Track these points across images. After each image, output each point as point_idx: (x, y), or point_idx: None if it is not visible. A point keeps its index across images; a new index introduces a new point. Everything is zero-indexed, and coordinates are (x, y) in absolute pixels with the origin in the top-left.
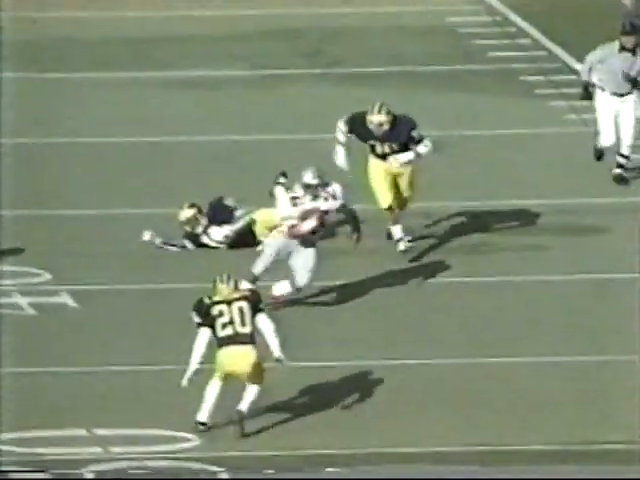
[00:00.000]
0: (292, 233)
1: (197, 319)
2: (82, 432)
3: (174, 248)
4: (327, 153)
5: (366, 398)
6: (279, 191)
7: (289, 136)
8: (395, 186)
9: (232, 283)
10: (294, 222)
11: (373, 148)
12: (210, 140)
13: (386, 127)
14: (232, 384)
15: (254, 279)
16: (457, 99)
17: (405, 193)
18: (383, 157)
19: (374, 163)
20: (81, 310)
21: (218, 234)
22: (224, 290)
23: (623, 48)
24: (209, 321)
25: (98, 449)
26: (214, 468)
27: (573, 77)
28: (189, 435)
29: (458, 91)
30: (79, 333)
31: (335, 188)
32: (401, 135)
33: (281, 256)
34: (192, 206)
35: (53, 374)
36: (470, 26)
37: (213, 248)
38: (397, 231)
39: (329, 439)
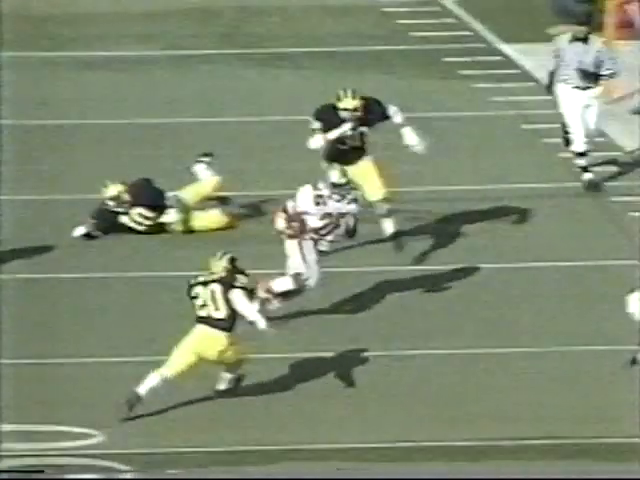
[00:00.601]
0: (305, 231)
1: None
2: None
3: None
4: (243, 135)
5: (282, 392)
6: (199, 168)
7: (204, 119)
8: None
9: (225, 261)
10: (311, 222)
11: (343, 144)
12: (122, 123)
13: (359, 112)
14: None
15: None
16: (380, 80)
17: (375, 189)
18: (348, 155)
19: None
20: None
21: (141, 214)
22: (215, 268)
23: (576, 39)
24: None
25: None
26: (118, 465)
27: (498, 58)
28: (92, 431)
29: (381, 72)
30: None
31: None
32: (376, 116)
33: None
34: (121, 183)
35: None
36: (394, 5)
37: (131, 231)
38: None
39: (241, 436)
